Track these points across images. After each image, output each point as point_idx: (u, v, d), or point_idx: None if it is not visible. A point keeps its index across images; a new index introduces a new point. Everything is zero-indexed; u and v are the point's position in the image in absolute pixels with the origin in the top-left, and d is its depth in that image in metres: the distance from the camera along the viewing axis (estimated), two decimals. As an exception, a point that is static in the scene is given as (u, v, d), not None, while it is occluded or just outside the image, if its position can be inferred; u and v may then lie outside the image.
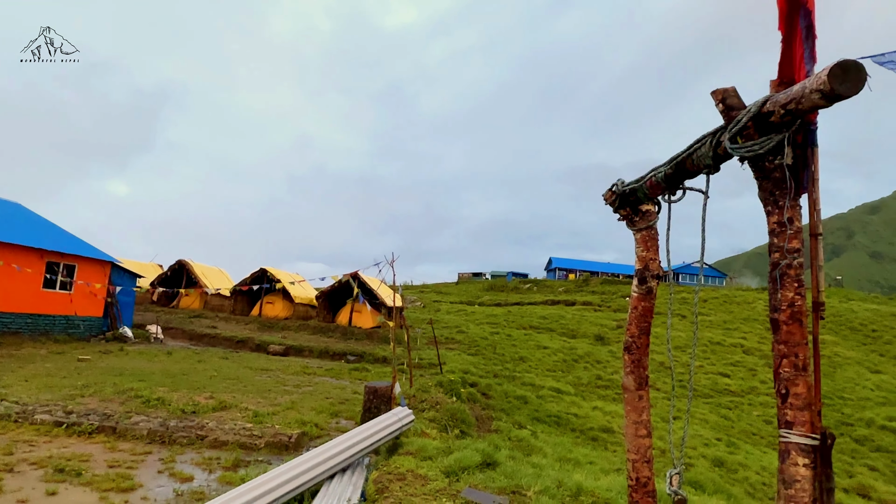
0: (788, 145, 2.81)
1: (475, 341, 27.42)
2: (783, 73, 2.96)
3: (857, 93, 2.36)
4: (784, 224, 2.85)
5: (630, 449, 4.46)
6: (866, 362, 28.84)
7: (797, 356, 2.82)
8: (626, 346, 4.52)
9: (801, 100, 2.58)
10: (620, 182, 4.42)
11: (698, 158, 3.46)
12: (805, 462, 2.76)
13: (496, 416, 14.98)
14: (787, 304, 2.84)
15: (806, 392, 2.81)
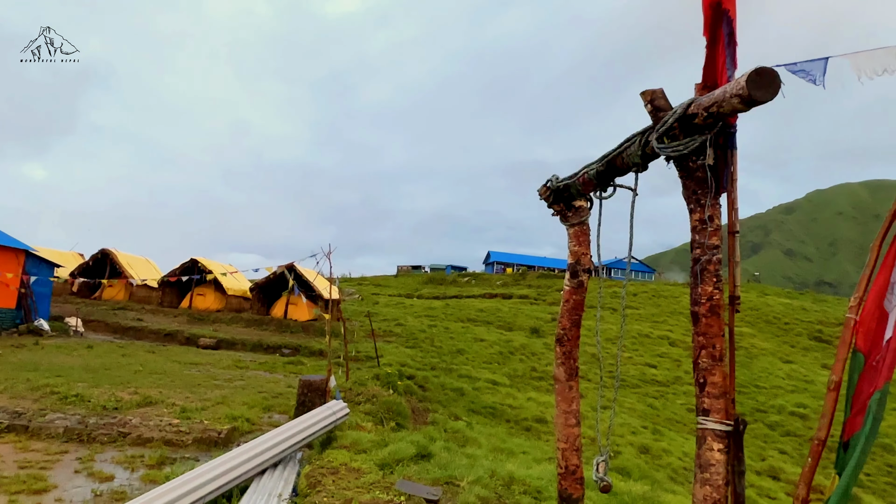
0: (710, 146, 2.95)
1: (413, 334, 27.46)
2: (707, 78, 3.10)
3: (773, 98, 2.49)
4: (705, 222, 2.98)
5: (560, 438, 4.58)
6: (779, 353, 30.82)
7: (714, 347, 2.97)
8: (557, 338, 4.63)
9: (722, 103, 2.70)
10: (555, 178, 4.52)
11: (628, 157, 3.58)
12: (720, 447, 2.92)
13: (433, 409, 15.08)
14: (706, 297, 2.99)
15: (722, 381, 2.97)
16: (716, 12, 2.93)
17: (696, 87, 3.15)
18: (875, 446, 18.75)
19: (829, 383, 2.39)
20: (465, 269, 76.45)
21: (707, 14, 2.97)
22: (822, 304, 44.08)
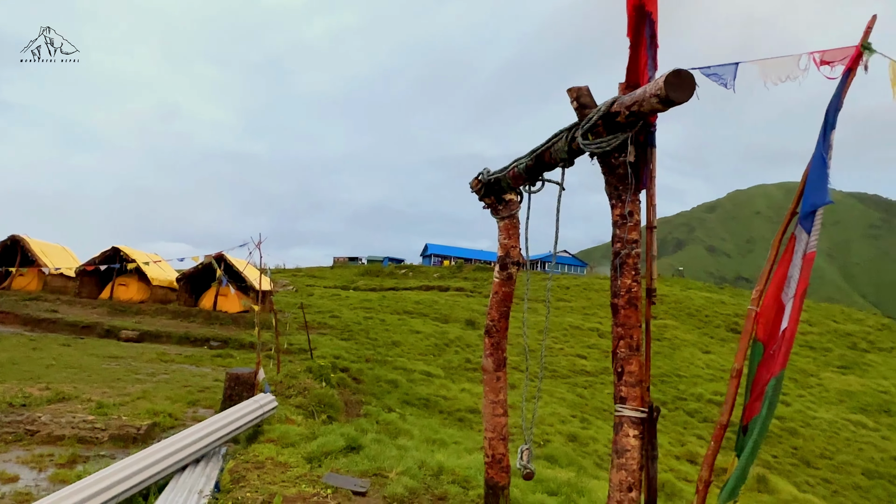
0: (632, 144, 3.05)
1: (348, 326, 27.17)
2: (630, 78, 3.21)
3: (688, 99, 2.61)
4: (625, 217, 3.09)
5: (487, 427, 4.66)
6: (699, 344, 32.47)
7: (632, 338, 3.09)
8: (486, 329, 4.70)
9: (642, 103, 2.80)
10: (486, 171, 4.57)
11: (555, 152, 3.65)
12: (635, 433, 3.04)
13: (366, 401, 14.99)
14: (625, 290, 3.10)
15: (638, 370, 3.09)
16: (639, 14, 3.03)
17: (620, 86, 3.25)
18: (781, 430, 20.11)
19: (731, 371, 2.53)
20: (402, 261, 76.29)
21: (631, 16, 3.07)
22: (740, 298, 46.71)
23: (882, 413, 23.49)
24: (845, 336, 35.26)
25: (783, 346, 2.24)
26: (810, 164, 2.32)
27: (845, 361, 30.61)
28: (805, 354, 31.55)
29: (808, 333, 35.25)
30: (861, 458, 18.70)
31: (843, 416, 22.66)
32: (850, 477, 17.59)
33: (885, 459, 18.59)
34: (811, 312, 40.41)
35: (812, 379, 27.47)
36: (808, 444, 19.47)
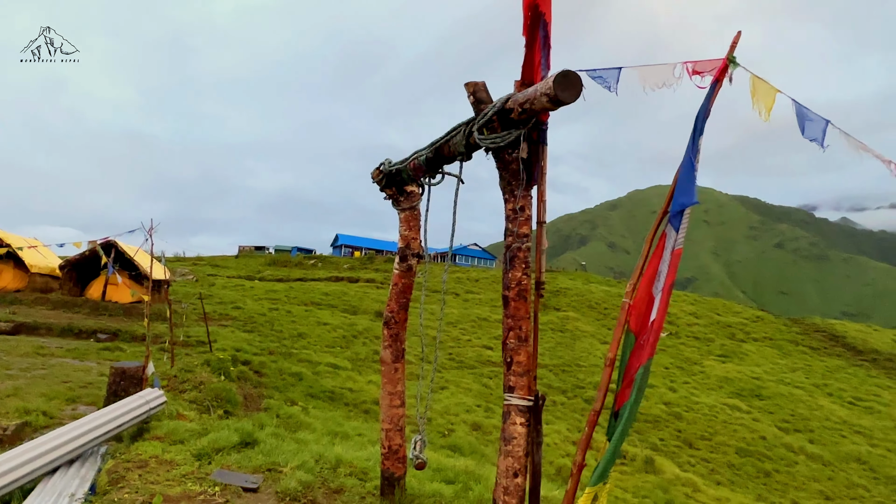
0: (525, 141, 3.14)
1: (252, 317, 26.23)
2: (525, 76, 3.29)
3: (576, 100, 2.71)
4: (517, 211, 3.18)
5: (384, 419, 4.65)
6: (598, 335, 34.17)
7: (521, 329, 3.19)
8: (385, 321, 4.68)
9: (534, 101, 2.88)
10: (388, 162, 4.54)
11: (454, 145, 3.69)
12: (522, 421, 3.15)
13: (268, 394, 14.56)
14: (515, 282, 3.19)
15: (526, 360, 3.19)
16: (534, 14, 3.11)
17: (516, 84, 3.32)
18: (668, 415, 21.61)
19: (605, 360, 2.68)
20: (312, 251, 74.58)
21: (526, 15, 3.14)
22: (635, 292, 49.56)
23: (754, 397, 25.80)
24: (726, 327, 38.38)
25: (651, 336, 2.40)
26: (680, 167, 2.49)
27: (725, 350, 33.33)
28: (691, 345, 34.05)
29: (694, 325, 38.05)
30: (735, 438, 20.45)
31: (722, 400, 24.67)
32: (725, 456, 19.20)
33: (755, 439, 20.44)
34: (698, 306, 43.63)
35: (696, 367, 29.69)
36: (690, 427, 21.03)
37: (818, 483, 18.17)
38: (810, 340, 37.45)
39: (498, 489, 3.12)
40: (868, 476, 19.24)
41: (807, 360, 33.30)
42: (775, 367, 31.31)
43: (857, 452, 20.67)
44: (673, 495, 14.13)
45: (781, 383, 28.06)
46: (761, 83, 2.34)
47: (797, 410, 24.47)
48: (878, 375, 31.55)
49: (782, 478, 18.27)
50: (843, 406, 26.04)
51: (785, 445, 20.36)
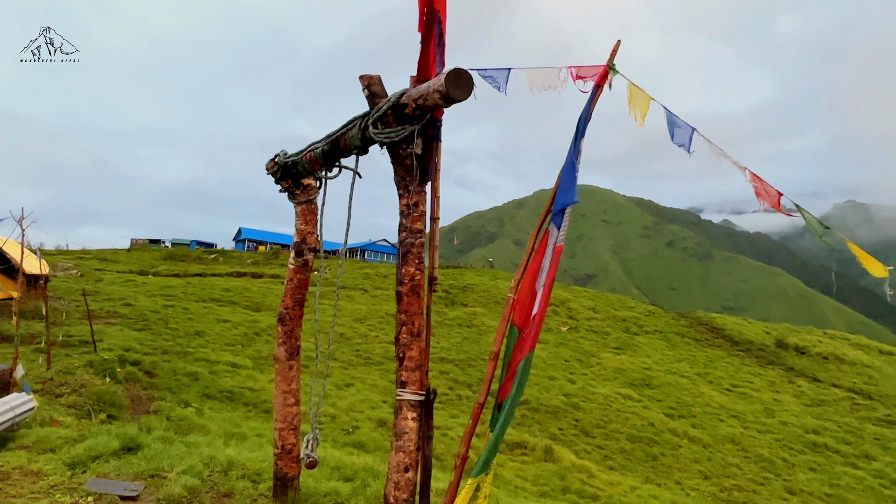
0: (419, 137, 3.15)
1: (144, 315, 24.63)
2: (421, 72, 3.30)
3: (467, 98, 2.75)
4: (411, 207, 3.19)
5: (278, 418, 4.52)
6: (503, 330, 35.12)
7: (414, 324, 3.20)
8: (279, 317, 4.55)
9: (427, 97, 2.89)
10: (283, 153, 4.40)
11: (350, 139, 3.64)
12: (413, 416, 3.16)
13: (160, 396, 13.74)
14: (408, 278, 3.19)
15: (419, 355, 3.21)
16: (429, 11, 3.12)
17: (411, 79, 3.33)
18: (567, 405, 22.59)
19: (490, 354, 2.74)
20: (212, 245, 71.16)
21: (422, 12, 3.15)
22: (539, 288, 51.36)
23: (645, 386, 27.53)
24: (621, 321, 40.67)
25: (532, 330, 2.49)
26: (563, 168, 2.60)
27: (620, 343, 35.31)
28: (590, 338, 35.79)
29: (592, 319, 40.00)
30: (627, 425, 21.73)
31: (616, 390, 26.12)
32: (617, 443, 20.36)
33: (644, 426, 21.82)
34: (596, 301, 45.90)
35: (594, 359, 31.24)
36: (587, 417, 22.10)
37: (698, 464, 19.68)
38: (695, 333, 40.47)
39: (389, 484, 3.12)
40: (741, 455, 21.09)
41: (691, 351, 35.96)
42: (664, 357, 33.56)
43: (732, 434, 22.60)
44: (569, 482, 14.78)
45: (669, 373, 30.11)
46: (637, 90, 2.48)
47: (682, 398, 26.36)
48: (751, 364, 34.66)
49: (668, 460, 19.62)
50: (722, 393, 28.36)
51: (671, 430, 21.87)
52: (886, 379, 35.78)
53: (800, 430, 24.35)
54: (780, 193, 2.45)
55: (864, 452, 22.69)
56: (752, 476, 19.36)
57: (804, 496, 18.49)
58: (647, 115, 2.52)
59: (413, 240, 3.15)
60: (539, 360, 29.12)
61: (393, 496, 3.09)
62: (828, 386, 31.96)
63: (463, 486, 2.59)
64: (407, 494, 3.08)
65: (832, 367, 36.12)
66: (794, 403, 28.26)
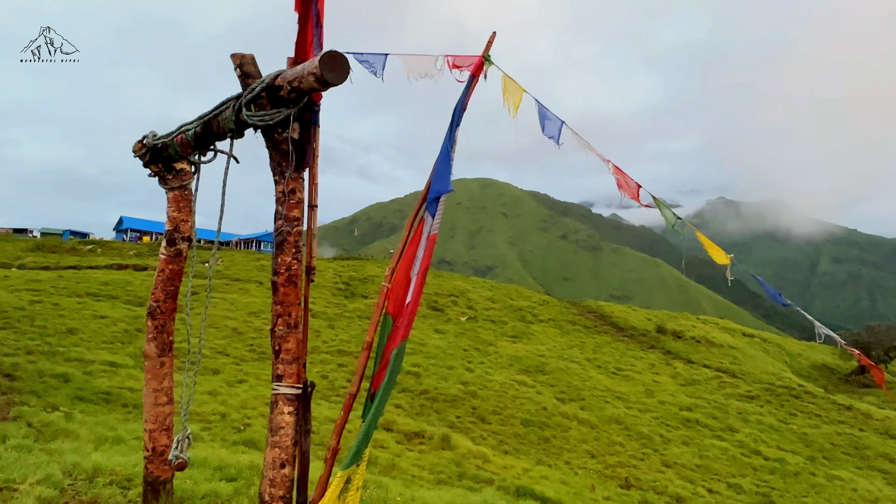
0: (296, 121, 3.03)
1: (5, 312, 22.23)
2: (298, 53, 3.18)
3: (342, 82, 2.67)
4: (287, 194, 3.07)
5: (148, 418, 4.24)
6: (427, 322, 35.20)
7: (290, 315, 3.09)
8: (149, 311, 4.25)
9: (302, 79, 2.79)
10: (152, 134, 4.10)
11: (223, 121, 3.44)
12: (290, 410, 3.06)
13: (23, 401, 12.46)
14: (284, 267, 3.08)
15: (296, 347, 3.11)
16: (306, -10, 3.01)
17: (288, 60, 3.20)
18: (465, 394, 23.07)
19: (362, 344, 2.71)
20: (88, 235, 65.58)
21: (298, -11, 3.04)
22: (440, 279, 51.96)
23: (538, 373, 28.71)
24: (517, 311, 42.10)
25: (406, 318, 2.48)
26: (438, 157, 2.61)
27: (516, 332, 36.55)
28: (488, 327, 36.74)
29: (490, 309, 41.08)
30: (521, 411, 22.56)
31: (512, 377, 27.02)
32: (512, 427, 21.09)
33: (537, 410, 22.75)
34: (494, 291, 47.19)
35: (491, 348, 32.12)
36: (484, 404, 22.69)
37: (586, 444, 20.84)
38: (585, 320, 42.72)
39: (264, 482, 3.01)
40: (624, 434, 22.57)
41: (581, 338, 37.93)
42: (556, 344, 35.15)
43: (616, 415, 24.13)
44: (465, 468, 15.11)
45: (561, 359, 31.59)
46: (511, 82, 2.53)
47: (572, 382, 27.76)
48: (634, 348, 37.15)
49: (558, 442, 20.60)
50: (608, 376, 30.19)
51: (561, 414, 22.97)
52: (748, 359, 39.74)
53: (675, 407, 26.44)
54: (639, 186, 2.62)
55: (728, 426, 25.05)
56: (634, 452, 20.78)
57: (678, 468, 20.12)
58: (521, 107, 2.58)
59: (289, 228, 3.04)
60: (438, 350, 29.53)
61: (268, 494, 2.98)
62: (699, 367, 34.95)
63: (333, 478, 2.54)
64: (283, 491, 2.99)
65: (703, 350, 39.55)
66: (670, 384, 30.64)
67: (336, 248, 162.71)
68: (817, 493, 19.54)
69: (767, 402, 29.47)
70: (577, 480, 16.90)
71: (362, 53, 2.70)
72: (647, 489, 17.75)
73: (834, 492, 19.72)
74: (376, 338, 2.68)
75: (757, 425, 25.61)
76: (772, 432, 25.13)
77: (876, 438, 25.58)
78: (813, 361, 48.90)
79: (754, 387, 31.60)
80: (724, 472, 20.44)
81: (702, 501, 17.56)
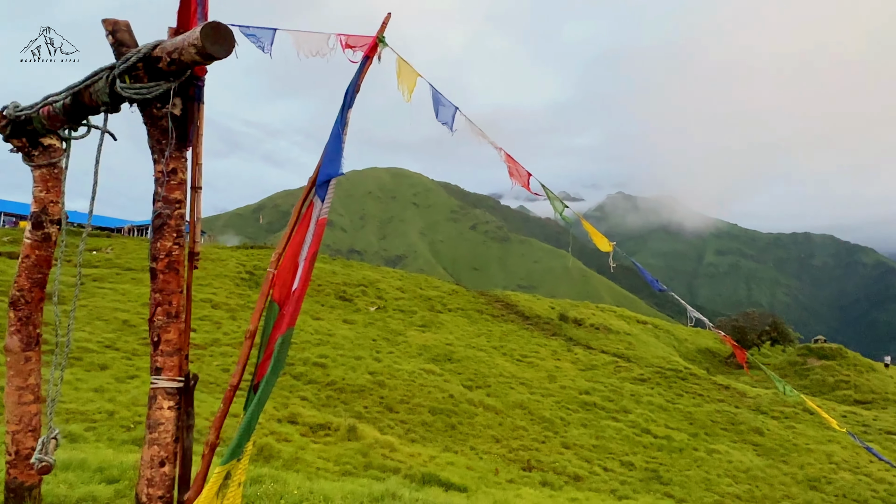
0: (177, 96, 2.83)
1: None
2: (180, 24, 2.97)
3: (227, 55, 2.52)
4: (167, 174, 2.86)
5: (10, 419, 3.85)
6: (311, 311, 34.42)
7: (171, 304, 2.90)
8: (12, 300, 3.85)
9: (182, 51, 2.60)
10: (13, 105, 3.68)
11: (96, 93, 3.15)
12: (170, 405, 2.87)
13: None
14: (164, 253, 2.87)
15: (177, 338, 2.92)
16: (188, -45, 2.81)
17: (170, 30, 2.98)
18: (372, 384, 22.96)
19: (245, 333, 2.59)
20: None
21: (180, -45, 2.82)
22: (349, 269, 51.29)
23: (446, 361, 29.09)
24: (427, 300, 42.37)
25: (292, 305, 2.39)
26: (329, 139, 2.52)
27: (425, 321, 36.79)
28: (397, 317, 36.72)
29: (400, 299, 41.07)
30: (429, 399, 22.77)
31: (420, 366, 27.20)
32: (420, 416, 21.25)
33: (445, 398, 23.06)
34: (405, 281, 47.22)
35: (400, 337, 32.14)
36: (392, 393, 22.69)
37: (491, 429, 21.39)
38: (492, 309, 43.73)
39: (142, 482, 2.81)
40: (527, 418, 23.37)
41: (489, 326, 38.81)
42: (465, 333, 35.75)
43: (520, 400, 24.93)
44: (371, 458, 15.06)
45: (469, 347, 32.17)
46: (405, 65, 2.49)
47: (479, 370, 28.36)
48: (539, 336, 38.52)
49: (465, 429, 21.01)
50: (513, 363, 31.12)
51: (468, 401, 23.42)
52: (642, 344, 42.35)
53: (575, 392, 27.72)
54: (529, 174, 2.67)
55: (622, 407, 26.60)
56: (536, 436, 21.58)
57: (576, 448, 21.14)
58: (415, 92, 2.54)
59: (170, 211, 2.84)
60: (346, 340, 29.18)
61: (146, 494, 2.79)
62: (598, 352, 36.82)
63: (211, 475, 2.41)
64: (163, 491, 2.80)
65: (602, 336, 41.70)
66: (571, 369, 32.06)
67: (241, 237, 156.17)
68: (699, 466, 21.21)
69: (658, 384, 31.57)
70: (482, 465, 17.32)
71: (249, 27, 2.55)
72: (548, 470, 18.53)
73: (713, 464, 21.50)
74: (261, 326, 2.57)
75: (648, 406, 27.38)
76: (661, 412, 26.96)
77: (749, 414, 28.13)
78: (698, 346, 52.94)
79: (646, 370, 33.72)
80: (619, 450, 21.71)
81: (597, 479, 18.56)
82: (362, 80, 2.52)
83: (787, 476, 21.61)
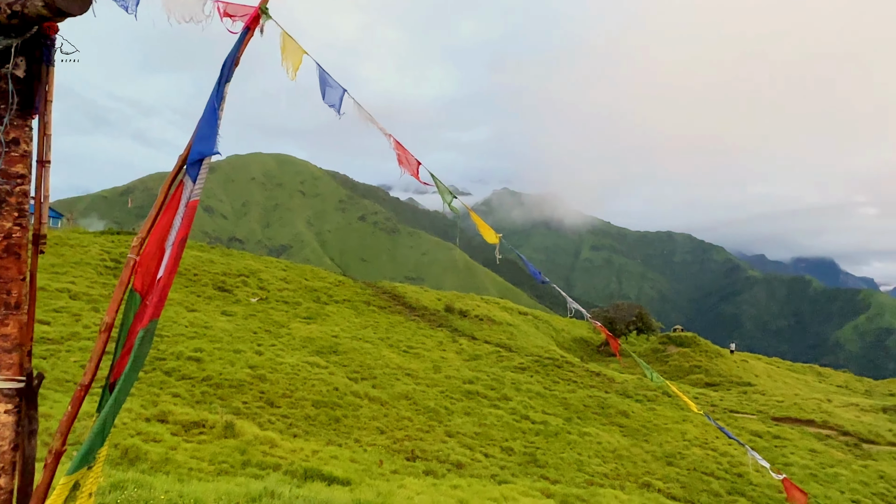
0: (20, 55, 2.47)
1: None
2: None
3: (82, 13, 2.23)
4: (7, 144, 2.50)
5: None
6: (186, 302, 32.35)
7: (10, 293, 2.54)
8: None
9: (26, 4, 2.27)
10: None
11: (-85, 45, 2.68)
12: (8, 408, 2.52)
13: None
14: (3, 235, 2.51)
15: (18, 332, 2.57)
16: None
17: (13, -21, 2.59)
18: (252, 378, 22.01)
19: (100, 325, 2.34)
20: None
21: None
22: (229, 258, 48.76)
23: (332, 353, 28.58)
24: (312, 291, 41.35)
25: (156, 295, 2.18)
26: (203, 115, 2.32)
27: (310, 313, 35.89)
28: (280, 309, 35.48)
29: (284, 290, 39.73)
30: (313, 392, 22.26)
31: (304, 359, 26.49)
32: (303, 410, 20.71)
33: (329, 391, 22.66)
34: (289, 272, 45.72)
35: (283, 329, 31.10)
36: (273, 388, 21.90)
37: (376, 421, 21.33)
38: (379, 301, 43.58)
39: (-30, 498, 2.44)
40: (412, 409, 23.57)
41: (375, 318, 38.64)
42: (351, 325, 35.32)
43: (406, 391, 25.08)
44: (251, 455, 14.45)
45: (355, 339, 31.83)
46: (290, 41, 2.34)
47: (365, 361, 28.16)
48: (425, 327, 38.96)
49: (349, 421, 20.77)
50: (400, 354, 31.23)
51: (353, 393, 23.18)
52: (522, 334, 44.25)
53: (459, 381, 28.37)
54: (419, 163, 2.62)
55: (503, 395, 27.63)
56: (420, 426, 21.83)
57: (459, 437, 21.65)
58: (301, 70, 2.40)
59: (9, 187, 2.47)
60: (225, 333, 27.74)
61: (-24, 511, 2.43)
62: (482, 342, 37.96)
63: (55, 486, 2.14)
64: (-3, 506, 2.45)
65: (486, 327, 43.03)
66: (456, 359, 32.78)
67: (106, 221, 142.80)
68: (572, 448, 22.55)
69: (536, 372, 33.15)
70: (366, 457, 17.21)
71: (110, -15, 2.28)
72: (432, 459, 18.81)
73: (585, 446, 22.96)
74: (118, 318, 2.31)
75: (527, 393, 28.67)
76: (539, 398, 28.35)
77: (617, 399, 30.35)
78: (574, 335, 56.27)
79: (526, 359, 35.28)
80: (499, 437, 22.53)
81: (479, 465, 19.14)
82: (241, 53, 2.33)
83: (649, 454, 23.58)
